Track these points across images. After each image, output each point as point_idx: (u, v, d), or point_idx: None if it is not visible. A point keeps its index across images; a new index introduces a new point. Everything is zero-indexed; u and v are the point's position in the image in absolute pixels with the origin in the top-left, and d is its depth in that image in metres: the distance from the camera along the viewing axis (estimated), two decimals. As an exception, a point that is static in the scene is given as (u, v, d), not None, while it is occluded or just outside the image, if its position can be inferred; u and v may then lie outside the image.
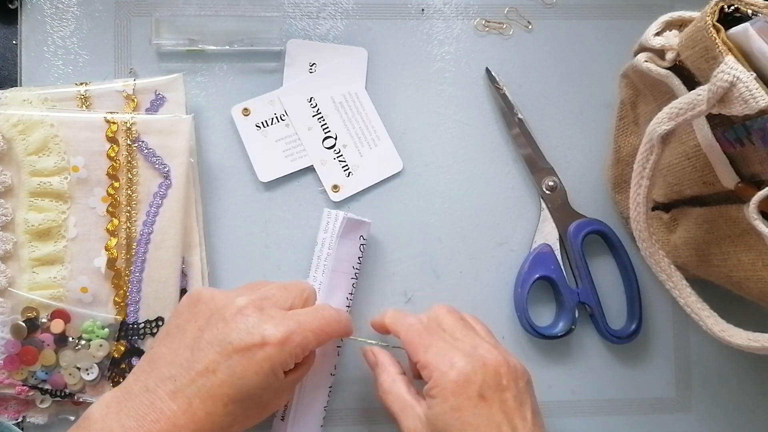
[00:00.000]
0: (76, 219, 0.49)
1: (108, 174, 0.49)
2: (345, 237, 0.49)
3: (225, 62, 0.53)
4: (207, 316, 0.42)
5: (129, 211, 0.49)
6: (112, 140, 0.49)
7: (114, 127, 0.49)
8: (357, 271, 0.50)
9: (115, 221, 0.49)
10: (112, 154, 0.49)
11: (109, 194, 0.49)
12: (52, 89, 0.50)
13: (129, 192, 0.49)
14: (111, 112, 0.50)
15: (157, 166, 0.49)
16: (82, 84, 0.51)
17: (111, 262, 0.49)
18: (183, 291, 0.50)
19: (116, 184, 0.49)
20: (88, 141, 0.49)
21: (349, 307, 0.50)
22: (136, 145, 0.50)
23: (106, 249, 0.49)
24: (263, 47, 0.53)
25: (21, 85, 0.51)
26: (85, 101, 0.50)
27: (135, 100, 0.51)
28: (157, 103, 0.51)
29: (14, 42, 0.52)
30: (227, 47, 0.52)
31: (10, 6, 0.51)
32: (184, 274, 0.50)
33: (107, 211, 0.49)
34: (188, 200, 0.50)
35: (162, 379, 0.40)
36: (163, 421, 0.38)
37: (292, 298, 0.44)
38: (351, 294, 0.50)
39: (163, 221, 0.49)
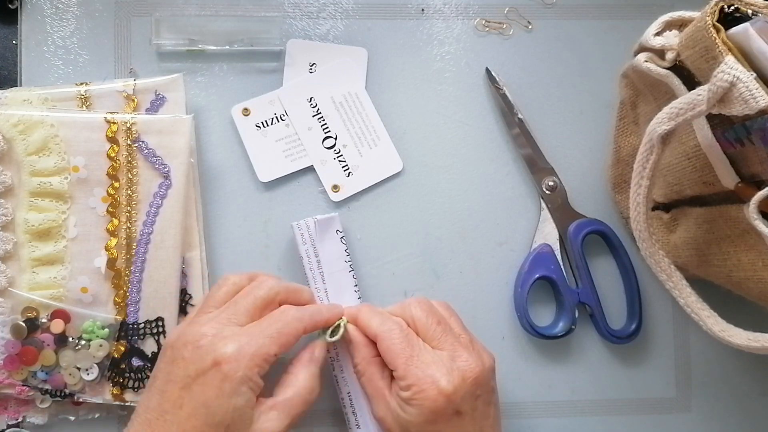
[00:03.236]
0: (76, 219, 0.49)
1: (108, 174, 0.49)
2: (324, 239, 0.50)
3: (225, 62, 0.53)
4: (172, 358, 0.42)
5: (129, 211, 0.49)
6: (113, 140, 0.49)
7: (114, 127, 0.49)
8: (350, 263, 0.51)
9: (115, 221, 0.49)
10: (113, 154, 0.49)
11: (109, 194, 0.49)
12: (52, 89, 0.50)
13: (129, 192, 0.49)
14: (111, 112, 0.50)
15: (157, 166, 0.49)
16: (82, 84, 0.51)
17: (111, 262, 0.49)
18: (183, 291, 0.50)
19: (116, 184, 0.49)
20: (88, 141, 0.49)
21: (360, 299, 0.51)
22: (136, 145, 0.50)
23: (106, 249, 0.49)
24: (263, 47, 0.53)
25: (21, 85, 0.51)
26: (85, 101, 0.50)
27: (135, 100, 0.51)
28: (157, 103, 0.51)
29: (14, 42, 0.52)
30: (227, 47, 0.52)
31: (10, 6, 0.51)
32: (184, 274, 0.50)
33: (107, 211, 0.49)
34: (188, 200, 0.50)
35: (141, 423, 0.41)
36: None
37: (256, 309, 0.44)
38: (356, 286, 0.51)
39: (163, 221, 0.49)
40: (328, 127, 0.53)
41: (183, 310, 0.50)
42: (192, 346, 0.42)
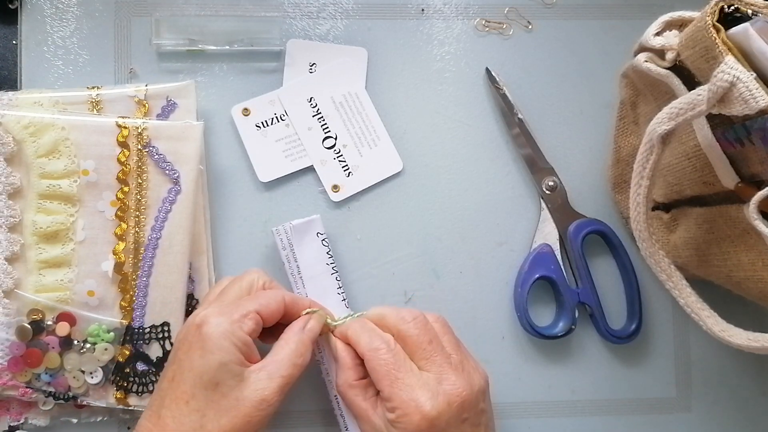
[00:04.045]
0: (85, 222, 0.49)
1: (118, 178, 0.49)
2: (302, 244, 0.50)
3: (225, 62, 0.53)
4: (174, 350, 0.44)
5: (138, 216, 0.49)
6: (123, 145, 0.49)
7: (125, 132, 0.49)
8: (333, 264, 0.50)
9: (124, 225, 0.49)
10: (123, 159, 0.49)
11: (118, 198, 0.49)
12: (64, 92, 0.50)
13: (138, 197, 0.49)
14: (122, 117, 0.50)
15: (167, 171, 0.49)
16: (93, 88, 0.50)
17: (118, 266, 0.49)
18: (190, 296, 0.50)
19: (126, 189, 0.49)
20: (98, 145, 0.49)
21: (345, 300, 0.50)
22: (146, 150, 0.49)
23: (114, 253, 0.49)
24: (263, 47, 0.53)
25: (21, 86, 0.51)
26: (96, 105, 0.50)
27: (146, 105, 0.50)
28: (168, 109, 0.51)
29: (14, 42, 0.52)
30: (227, 47, 0.52)
31: (10, 6, 0.51)
32: (192, 280, 0.50)
33: (116, 215, 0.49)
34: (197, 206, 0.50)
35: (146, 409, 0.44)
36: None
37: (242, 293, 0.46)
38: (340, 288, 0.50)
39: (171, 227, 0.49)
40: (328, 127, 0.53)
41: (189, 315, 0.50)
42: (185, 330, 0.44)
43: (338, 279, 0.50)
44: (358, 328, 0.46)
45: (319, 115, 0.53)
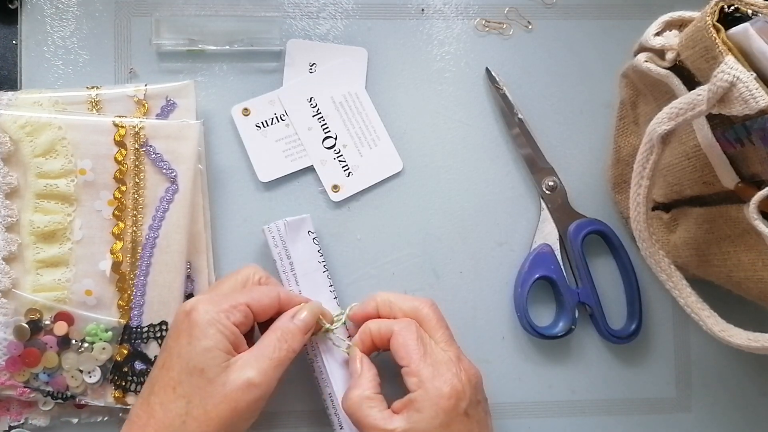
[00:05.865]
0: (82, 222, 0.49)
1: (115, 177, 0.49)
2: (294, 241, 0.50)
3: (225, 62, 0.53)
4: (166, 337, 0.46)
5: (135, 215, 0.49)
6: (120, 144, 0.49)
7: (122, 131, 0.49)
8: (324, 263, 0.50)
9: (121, 225, 0.49)
10: (120, 158, 0.49)
11: (115, 198, 0.49)
12: (63, 92, 0.50)
13: (136, 196, 0.49)
14: (119, 116, 0.49)
15: (164, 170, 0.49)
16: (93, 88, 0.50)
17: (116, 266, 0.49)
18: (188, 296, 0.50)
19: (123, 188, 0.49)
20: (95, 144, 0.49)
21: (336, 298, 0.50)
22: (143, 149, 0.49)
23: (111, 252, 0.49)
24: (263, 47, 0.53)
25: (21, 86, 0.51)
26: (95, 105, 0.50)
27: (146, 105, 0.50)
28: (167, 109, 0.51)
29: (14, 42, 0.52)
30: (227, 47, 0.52)
31: (10, 6, 0.52)
32: (191, 279, 0.50)
33: (113, 214, 0.49)
34: (195, 206, 0.50)
35: (138, 397, 0.45)
36: (134, 429, 0.42)
37: (237, 286, 0.46)
38: (331, 286, 0.50)
39: (169, 226, 0.49)
40: (328, 127, 0.53)
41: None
42: (175, 317, 0.44)
43: (329, 277, 0.50)
44: (386, 295, 0.47)
45: (319, 115, 0.53)
